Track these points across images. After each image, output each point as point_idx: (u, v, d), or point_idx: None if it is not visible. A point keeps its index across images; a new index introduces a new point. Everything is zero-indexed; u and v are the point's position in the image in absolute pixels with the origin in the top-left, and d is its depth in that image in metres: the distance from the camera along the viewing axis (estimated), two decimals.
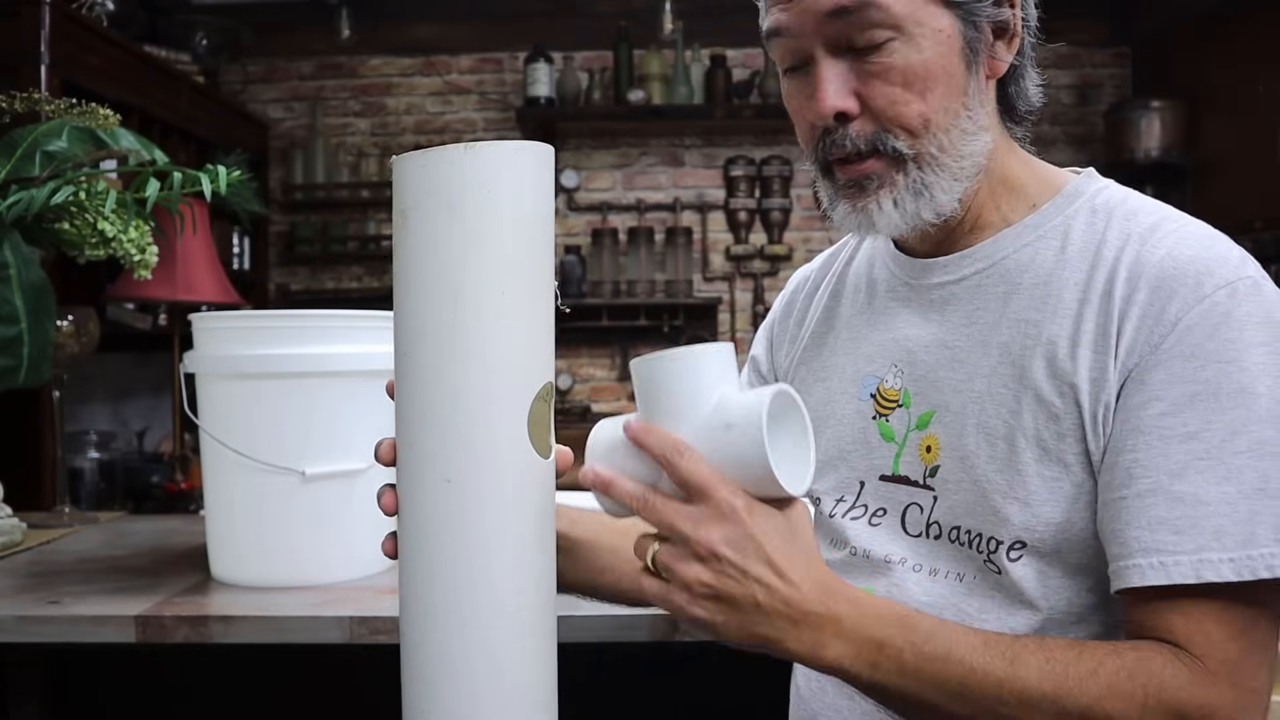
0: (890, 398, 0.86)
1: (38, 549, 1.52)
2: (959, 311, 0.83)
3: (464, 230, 0.66)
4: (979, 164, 0.80)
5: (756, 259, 4.04)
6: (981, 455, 0.77)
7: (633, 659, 1.35)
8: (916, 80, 0.76)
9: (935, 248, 0.86)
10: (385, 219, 4.07)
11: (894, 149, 0.78)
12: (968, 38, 0.77)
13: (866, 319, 0.91)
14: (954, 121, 0.78)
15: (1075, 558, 0.74)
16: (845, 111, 0.78)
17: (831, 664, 0.68)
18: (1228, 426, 0.68)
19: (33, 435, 2.31)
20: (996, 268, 0.82)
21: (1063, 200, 0.82)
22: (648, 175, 4.10)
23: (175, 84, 3.21)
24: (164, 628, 1.16)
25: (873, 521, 0.85)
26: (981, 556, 0.77)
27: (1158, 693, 0.66)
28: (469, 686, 0.69)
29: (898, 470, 0.84)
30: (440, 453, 0.68)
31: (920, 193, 0.79)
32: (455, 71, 4.12)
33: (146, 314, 3.12)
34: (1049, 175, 0.85)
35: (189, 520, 1.83)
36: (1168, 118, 3.57)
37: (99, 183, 1.40)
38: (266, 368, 1.28)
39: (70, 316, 1.68)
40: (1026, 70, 0.84)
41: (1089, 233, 0.78)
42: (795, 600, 0.66)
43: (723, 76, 3.88)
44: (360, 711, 1.52)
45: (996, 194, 0.83)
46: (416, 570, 0.70)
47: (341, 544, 1.33)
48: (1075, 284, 0.76)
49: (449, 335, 0.67)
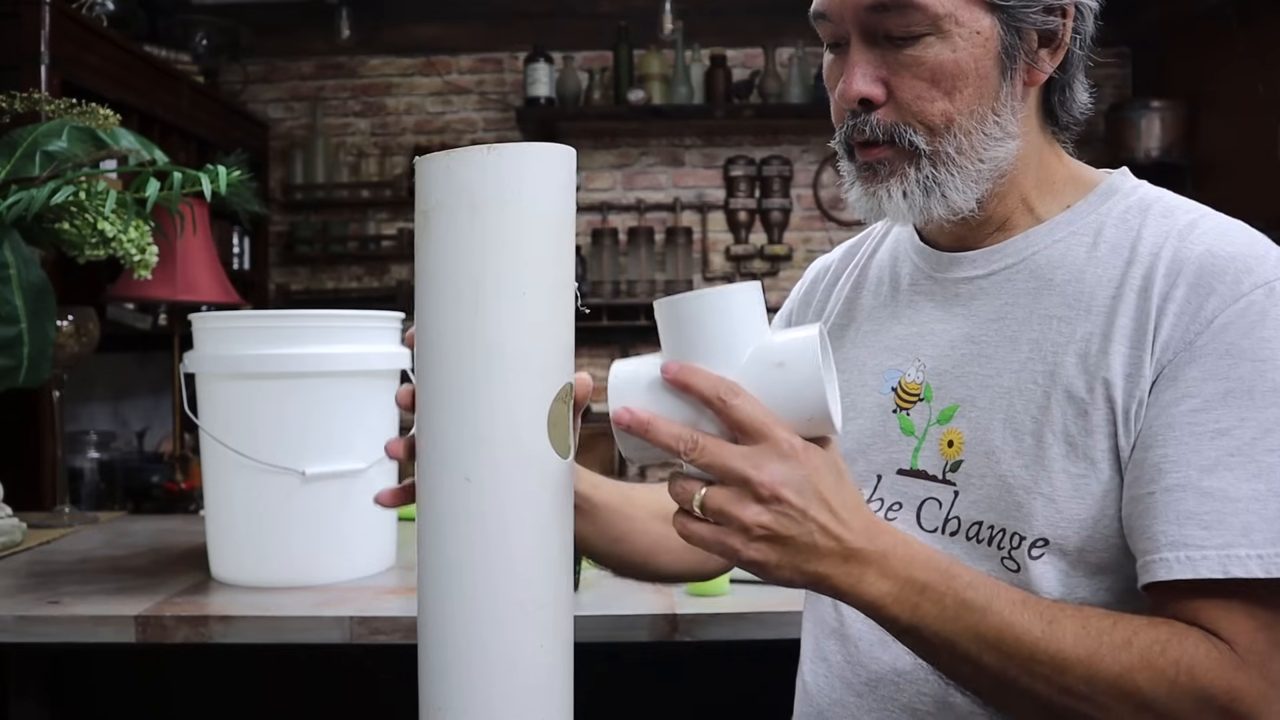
0: (912, 391, 0.85)
1: (38, 549, 1.52)
2: (987, 306, 0.82)
3: (486, 230, 0.67)
4: (1001, 169, 0.80)
5: (756, 259, 4.04)
6: (1008, 451, 0.77)
7: (633, 659, 1.35)
8: (945, 78, 0.76)
9: (959, 242, 0.86)
10: (385, 219, 4.07)
11: (910, 142, 0.78)
12: (1006, 43, 0.77)
13: (889, 311, 0.90)
14: (979, 124, 0.78)
15: (1098, 557, 0.74)
16: (870, 98, 0.78)
17: (874, 601, 0.68)
18: (1260, 424, 0.68)
19: (33, 435, 2.31)
20: (1026, 264, 0.81)
21: (1095, 198, 0.82)
22: (648, 175, 4.10)
23: (175, 84, 3.21)
24: (164, 628, 1.16)
25: (889, 516, 0.84)
26: (1001, 554, 0.77)
27: (1189, 671, 0.66)
28: (485, 685, 0.69)
29: (916, 464, 0.84)
30: (460, 451, 0.69)
31: (930, 189, 0.79)
32: (455, 71, 4.12)
33: (146, 314, 3.12)
34: (1084, 174, 0.85)
35: (189, 520, 1.83)
36: (1168, 118, 3.57)
37: (99, 183, 1.40)
38: (266, 368, 1.28)
39: (70, 316, 1.68)
40: (1074, 82, 0.83)
41: (1123, 230, 0.78)
42: (847, 539, 0.66)
43: (723, 76, 3.88)
44: (359, 711, 1.52)
45: (1029, 195, 0.83)
46: (435, 567, 0.70)
47: (341, 544, 1.33)
48: (1108, 281, 0.76)
49: (470, 334, 0.68)
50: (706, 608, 1.19)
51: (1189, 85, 3.58)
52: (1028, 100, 0.81)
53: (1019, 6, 0.76)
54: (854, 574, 0.67)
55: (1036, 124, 0.83)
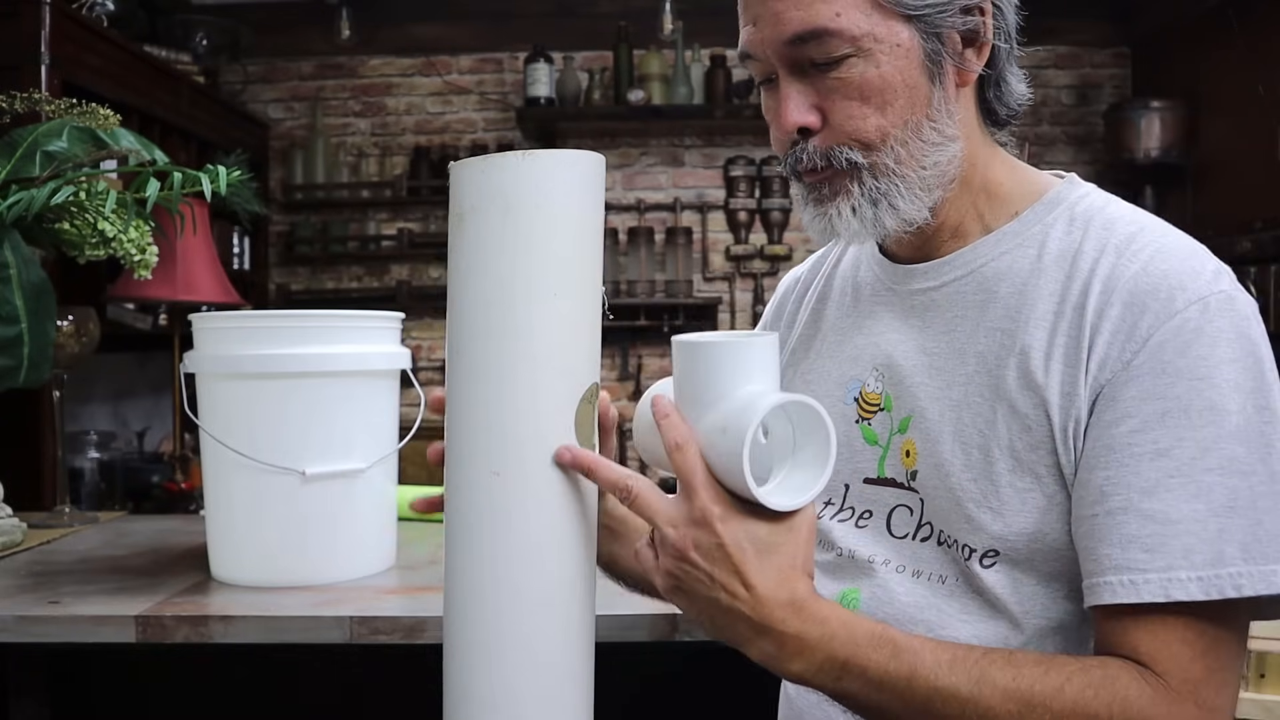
0: (872, 401, 0.86)
1: (38, 549, 1.52)
2: (939, 319, 0.83)
3: (519, 233, 0.70)
4: (948, 173, 0.80)
5: (756, 259, 4.04)
6: (956, 463, 0.78)
7: (633, 659, 1.35)
8: (874, 95, 0.77)
9: (916, 253, 0.86)
10: (385, 219, 4.07)
11: (848, 160, 0.79)
12: (928, 50, 0.77)
13: (851, 322, 0.91)
14: (915, 133, 0.78)
15: (1049, 566, 0.75)
16: (807, 126, 0.79)
17: (796, 676, 0.70)
18: (1198, 444, 0.68)
19: (33, 435, 2.31)
20: (974, 275, 0.82)
21: (1042, 207, 0.81)
22: (648, 175, 4.10)
23: (175, 84, 3.21)
24: (164, 628, 1.16)
25: (859, 524, 0.86)
26: (961, 558, 0.78)
27: (1122, 710, 0.66)
28: (508, 676, 0.71)
29: (883, 473, 0.84)
30: (489, 447, 0.71)
31: (878, 201, 0.79)
32: (455, 71, 4.12)
33: (146, 314, 3.12)
34: (1032, 181, 0.84)
35: (189, 520, 1.83)
36: (1168, 118, 3.57)
37: (99, 183, 1.40)
38: (266, 368, 1.28)
39: (70, 316, 1.68)
40: (1005, 75, 0.83)
41: (1066, 241, 0.78)
42: (759, 613, 0.68)
43: (723, 76, 3.88)
44: (360, 711, 1.52)
45: (978, 201, 0.83)
46: (462, 559, 0.72)
47: (341, 544, 1.33)
48: (1050, 294, 0.76)
49: (501, 334, 0.70)
50: None
51: (1189, 85, 3.58)
52: (962, 101, 0.81)
53: (934, 13, 0.77)
54: (770, 649, 0.69)
55: (976, 125, 0.83)
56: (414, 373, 1.44)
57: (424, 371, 4.04)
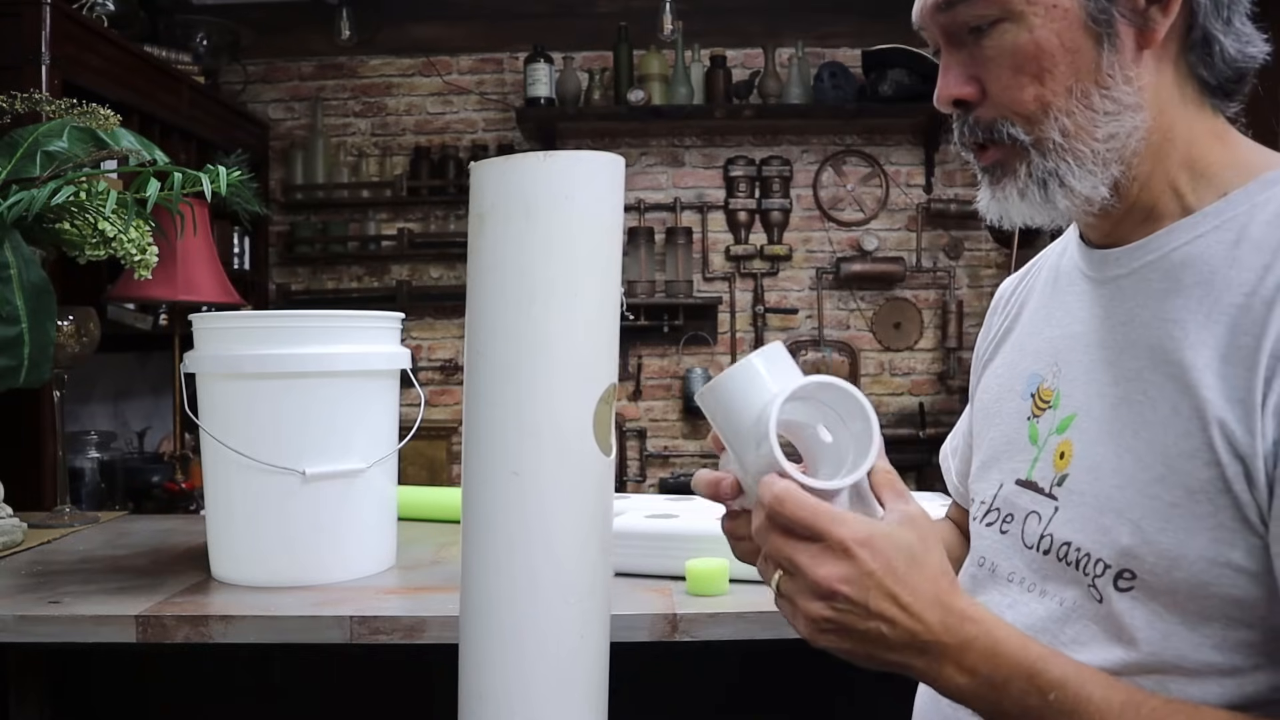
0: (1045, 398, 0.80)
1: (38, 549, 1.52)
2: (1120, 309, 0.75)
3: (539, 233, 0.70)
4: (1129, 145, 0.72)
5: (756, 259, 4.04)
6: (1107, 468, 0.71)
7: (633, 659, 1.35)
8: (1029, 62, 0.71)
9: (1107, 239, 0.78)
10: (385, 219, 4.07)
11: (1009, 136, 0.73)
12: (1093, 9, 0.70)
13: (1044, 314, 0.85)
14: (1083, 102, 0.71)
15: (1196, 605, 0.65)
16: (963, 98, 0.75)
17: (954, 693, 0.66)
18: None
19: (33, 435, 2.31)
20: (1162, 261, 0.73)
21: (1256, 186, 0.70)
22: (648, 175, 4.10)
23: (175, 84, 3.21)
24: (164, 628, 1.16)
25: (1003, 529, 0.81)
26: (1086, 580, 0.72)
27: None
28: (526, 673, 0.71)
29: (1030, 475, 0.79)
30: (508, 446, 0.71)
31: (1046, 181, 0.73)
32: (455, 71, 4.12)
33: (146, 314, 3.12)
34: (1252, 159, 0.74)
35: (189, 520, 1.83)
36: None
37: (99, 183, 1.40)
38: (266, 368, 1.28)
39: (70, 316, 1.68)
40: (1213, 33, 0.72)
41: (1271, 228, 0.67)
42: (918, 632, 0.64)
43: (723, 76, 3.88)
44: (359, 711, 1.52)
45: (1177, 179, 0.73)
46: (480, 557, 0.73)
47: (341, 544, 1.33)
48: (1238, 286, 0.67)
49: (521, 333, 0.70)
50: (706, 608, 1.19)
51: None
52: (1148, 65, 0.72)
53: None
54: (932, 667, 0.65)
55: (1174, 93, 0.73)
56: (414, 373, 1.44)
57: (424, 371, 4.04)
